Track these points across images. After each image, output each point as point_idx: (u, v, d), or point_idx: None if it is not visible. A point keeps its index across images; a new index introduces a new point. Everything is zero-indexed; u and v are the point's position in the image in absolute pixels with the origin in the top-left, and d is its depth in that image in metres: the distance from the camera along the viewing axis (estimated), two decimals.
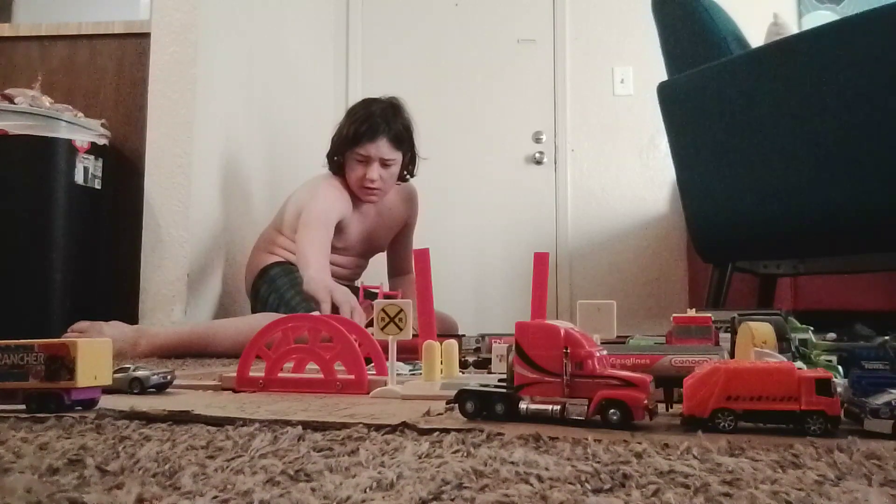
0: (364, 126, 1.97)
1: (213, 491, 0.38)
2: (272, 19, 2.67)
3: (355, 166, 2.02)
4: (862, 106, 1.48)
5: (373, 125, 1.97)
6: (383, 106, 2.03)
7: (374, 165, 1.99)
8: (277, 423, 0.61)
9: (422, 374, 0.88)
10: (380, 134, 1.97)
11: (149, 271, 2.07)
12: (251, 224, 2.45)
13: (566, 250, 3.20)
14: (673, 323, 0.95)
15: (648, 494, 0.37)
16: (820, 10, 3.18)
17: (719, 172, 1.76)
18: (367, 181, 2.00)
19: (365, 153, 1.98)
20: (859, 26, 1.50)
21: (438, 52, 3.34)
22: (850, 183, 1.52)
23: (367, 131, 1.96)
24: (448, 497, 0.37)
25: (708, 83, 1.76)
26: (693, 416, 0.57)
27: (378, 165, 2.00)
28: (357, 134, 1.97)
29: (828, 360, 0.78)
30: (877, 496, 0.37)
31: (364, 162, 2.00)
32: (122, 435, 0.57)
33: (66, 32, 2.23)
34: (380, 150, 1.98)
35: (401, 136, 2.02)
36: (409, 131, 2.05)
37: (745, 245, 1.78)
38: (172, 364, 1.43)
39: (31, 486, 0.38)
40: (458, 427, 0.58)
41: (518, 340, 0.62)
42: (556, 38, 3.30)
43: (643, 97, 3.09)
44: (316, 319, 0.96)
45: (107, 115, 2.13)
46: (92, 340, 0.70)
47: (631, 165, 3.22)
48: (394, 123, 2.00)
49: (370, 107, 2.02)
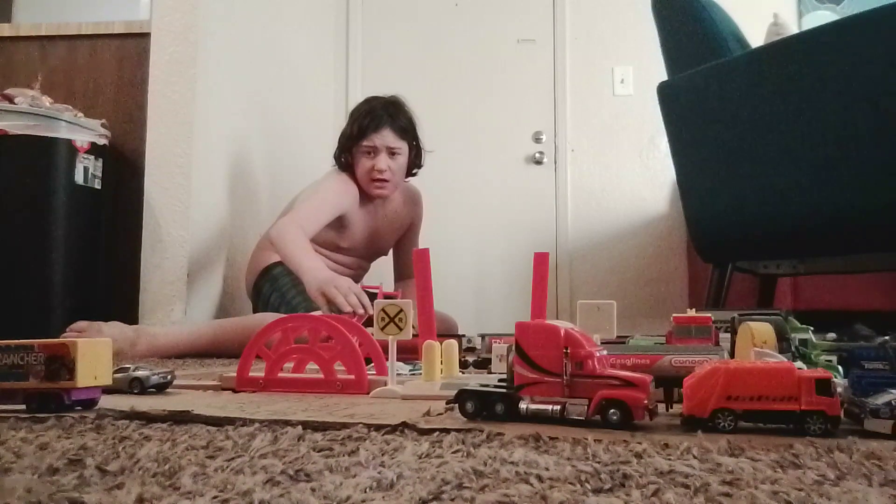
0: (367, 119, 2.03)
1: (213, 491, 0.38)
2: (272, 19, 2.67)
3: (363, 160, 2.05)
4: (862, 106, 1.48)
5: (376, 117, 2.03)
6: (385, 101, 2.08)
7: (382, 155, 2.03)
8: (277, 423, 0.61)
9: (422, 374, 0.88)
10: (383, 124, 2.02)
11: (149, 271, 2.07)
12: (251, 224, 2.46)
13: (566, 250, 3.20)
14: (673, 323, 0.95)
15: (648, 494, 0.37)
16: (820, 10, 3.18)
17: (719, 172, 1.76)
18: (376, 172, 2.04)
19: (370, 143, 2.03)
20: (859, 26, 1.50)
21: (438, 52, 3.34)
22: (849, 183, 1.52)
23: (370, 123, 2.02)
24: (448, 497, 0.37)
25: (708, 83, 1.76)
26: (693, 416, 0.57)
27: (385, 155, 2.04)
28: (361, 128, 2.02)
29: (828, 360, 0.78)
30: (877, 496, 0.37)
31: (371, 153, 2.04)
32: (122, 435, 0.57)
33: (66, 32, 2.23)
34: (385, 139, 2.03)
35: (405, 126, 2.07)
36: (412, 123, 2.10)
37: (745, 245, 1.78)
38: (172, 364, 1.43)
39: (31, 486, 0.38)
40: (458, 427, 0.58)
41: (518, 340, 0.62)
42: (556, 38, 3.30)
43: (643, 97, 3.09)
44: (316, 319, 0.96)
45: (107, 115, 2.13)
46: (92, 340, 0.70)
47: (631, 165, 3.22)
48: (396, 115, 2.06)
49: (371, 102, 2.08)
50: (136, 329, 1.77)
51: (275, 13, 2.70)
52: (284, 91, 2.79)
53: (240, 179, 2.42)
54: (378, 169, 2.03)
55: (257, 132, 2.55)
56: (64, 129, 1.88)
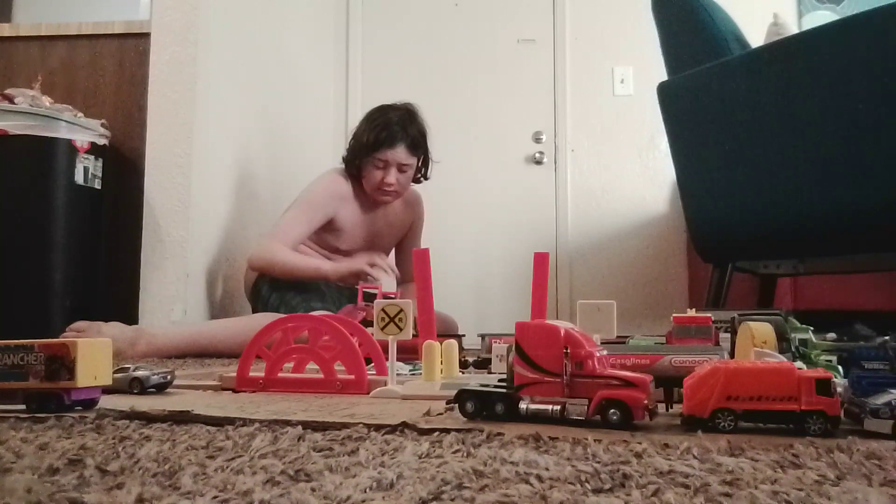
0: (384, 133, 2.07)
1: (213, 491, 0.38)
2: (272, 19, 2.67)
3: (373, 171, 2.11)
4: (861, 106, 1.48)
5: (392, 132, 2.07)
6: (400, 113, 2.12)
7: (392, 170, 2.10)
8: (277, 423, 0.61)
9: (422, 374, 0.88)
10: (398, 141, 2.07)
11: (149, 271, 2.06)
12: (251, 224, 2.46)
13: (566, 250, 3.20)
14: (673, 323, 0.95)
15: (648, 494, 0.37)
16: (820, 10, 3.18)
17: (719, 172, 1.76)
18: (385, 185, 2.10)
19: (384, 158, 2.08)
20: (859, 26, 1.50)
21: (438, 53, 3.34)
22: (850, 183, 1.52)
23: (386, 138, 2.06)
24: (448, 497, 0.37)
25: (708, 83, 1.76)
26: (693, 416, 0.57)
27: (395, 170, 2.10)
28: (377, 140, 2.07)
29: (828, 360, 0.78)
30: (877, 496, 0.37)
31: (382, 167, 2.10)
32: (122, 435, 0.57)
33: (66, 32, 2.23)
34: (397, 156, 2.09)
35: (417, 142, 2.12)
36: (423, 137, 2.16)
37: (745, 245, 1.78)
38: (172, 364, 1.43)
39: (31, 486, 0.38)
40: (458, 427, 0.58)
41: (518, 340, 0.62)
42: (556, 38, 3.30)
43: (643, 97, 3.09)
44: (316, 319, 0.96)
45: (107, 115, 2.13)
46: (92, 340, 0.70)
47: (631, 165, 3.22)
48: (411, 129, 2.10)
49: (388, 113, 2.11)
50: (135, 329, 1.77)
51: (275, 13, 2.70)
52: (284, 91, 2.79)
53: (240, 179, 2.42)
54: (388, 182, 2.10)
55: (257, 132, 2.55)
56: (64, 129, 1.88)
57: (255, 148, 2.53)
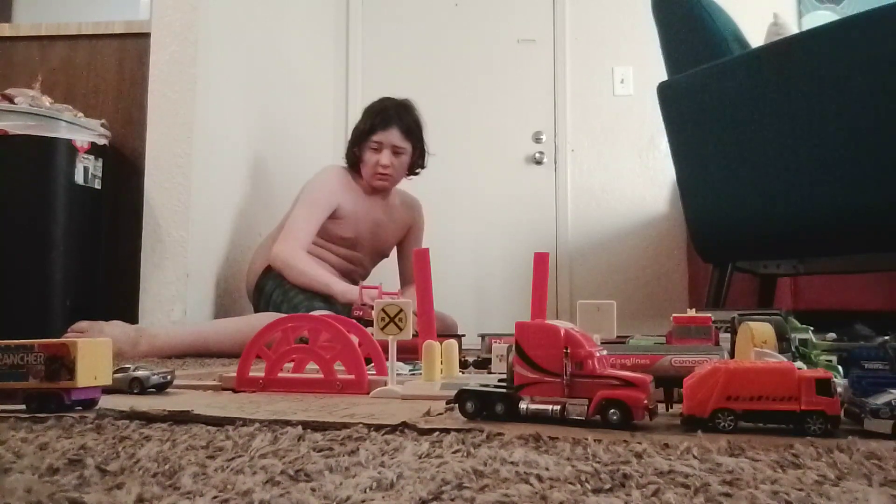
0: (378, 118, 2.19)
1: (213, 491, 0.38)
2: (272, 19, 2.67)
3: (370, 154, 2.20)
4: (862, 106, 1.48)
5: (386, 116, 2.18)
6: (396, 102, 2.23)
7: (386, 152, 2.18)
8: (277, 423, 0.61)
9: (422, 374, 0.88)
10: (392, 123, 2.18)
11: (149, 271, 2.07)
12: (251, 224, 2.46)
13: (566, 250, 3.20)
14: (673, 323, 0.95)
15: (648, 494, 0.37)
16: (820, 10, 3.18)
17: (719, 172, 1.76)
18: (380, 167, 2.18)
19: (378, 140, 2.18)
20: (859, 26, 1.50)
21: (438, 53, 3.34)
22: (849, 182, 1.51)
23: (380, 122, 2.18)
24: (448, 497, 0.37)
25: (708, 83, 1.76)
26: (693, 416, 0.57)
27: (390, 152, 2.19)
28: (372, 125, 2.18)
29: (828, 360, 0.78)
30: (877, 496, 0.37)
31: (377, 149, 2.18)
32: (122, 435, 0.57)
33: (66, 32, 2.23)
34: (391, 137, 2.18)
35: (411, 128, 2.22)
36: (418, 126, 2.25)
37: (745, 245, 1.78)
38: (172, 364, 1.43)
39: (31, 486, 0.38)
40: (458, 427, 0.58)
41: (518, 340, 0.62)
42: (556, 38, 3.30)
43: (643, 97, 3.09)
44: (316, 319, 0.96)
45: (107, 115, 2.13)
46: (92, 340, 0.70)
47: (631, 165, 3.22)
48: (405, 116, 2.21)
49: (385, 102, 2.23)
50: (137, 329, 1.78)
51: (275, 13, 2.70)
52: (284, 91, 2.79)
53: (239, 179, 2.42)
54: (382, 164, 2.17)
55: (257, 132, 2.55)
56: (64, 129, 1.88)
57: (255, 148, 2.53)
